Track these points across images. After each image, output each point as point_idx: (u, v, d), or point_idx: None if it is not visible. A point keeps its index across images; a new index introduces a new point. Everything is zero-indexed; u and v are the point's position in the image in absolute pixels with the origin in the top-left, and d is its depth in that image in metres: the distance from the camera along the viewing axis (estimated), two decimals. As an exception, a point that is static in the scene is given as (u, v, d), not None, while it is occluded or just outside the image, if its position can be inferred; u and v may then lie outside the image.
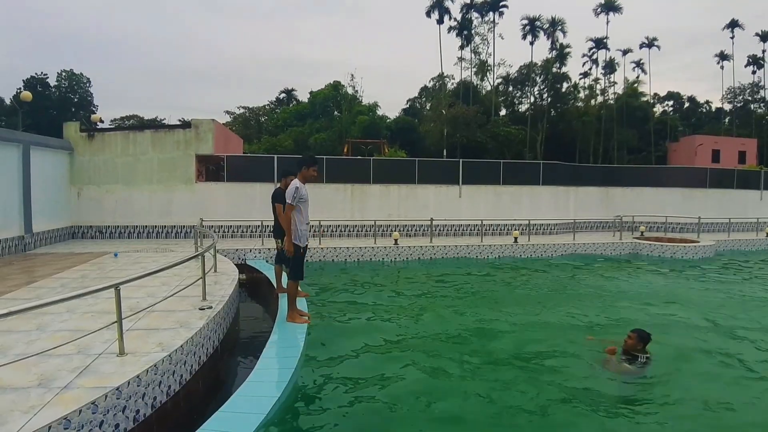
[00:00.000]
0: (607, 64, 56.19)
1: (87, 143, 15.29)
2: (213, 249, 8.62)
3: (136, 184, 15.61)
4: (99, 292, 4.35)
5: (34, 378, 3.93)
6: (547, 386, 5.34)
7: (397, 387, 5.37)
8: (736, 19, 59.17)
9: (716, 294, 10.51)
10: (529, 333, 7.42)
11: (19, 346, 4.72)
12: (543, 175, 19.64)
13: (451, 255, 14.87)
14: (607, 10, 55.11)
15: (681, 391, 5.32)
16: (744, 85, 63.01)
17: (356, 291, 10.49)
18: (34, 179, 12.71)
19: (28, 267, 9.81)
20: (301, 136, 43.60)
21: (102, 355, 4.48)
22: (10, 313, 3.46)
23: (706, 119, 65.98)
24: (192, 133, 15.90)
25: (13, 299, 6.70)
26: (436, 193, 18.36)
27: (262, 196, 16.27)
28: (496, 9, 52.19)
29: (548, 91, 53.69)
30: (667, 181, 22.21)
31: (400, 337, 7.13)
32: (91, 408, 3.51)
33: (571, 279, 12.18)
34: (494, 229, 18.39)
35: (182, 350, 4.84)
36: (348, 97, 46.10)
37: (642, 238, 17.87)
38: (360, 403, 4.96)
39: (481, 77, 55.07)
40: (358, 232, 17.24)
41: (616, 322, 7.98)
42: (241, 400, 4.34)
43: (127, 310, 5.57)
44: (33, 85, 47.22)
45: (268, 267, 11.36)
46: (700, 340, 7.12)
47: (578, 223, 18.72)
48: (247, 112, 58.45)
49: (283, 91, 61.12)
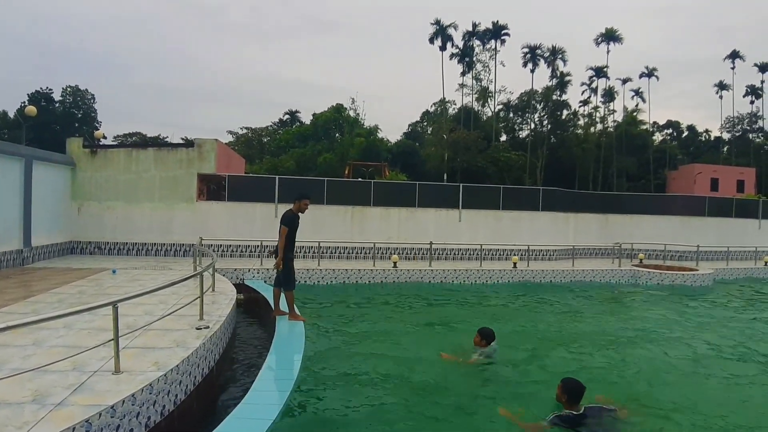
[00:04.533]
0: (606, 93, 56.87)
1: (90, 159, 15.38)
2: (212, 268, 8.62)
3: (138, 202, 15.66)
4: (97, 309, 4.36)
5: (28, 393, 3.91)
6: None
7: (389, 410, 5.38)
8: (737, 50, 60.12)
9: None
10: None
11: (15, 360, 4.70)
12: (543, 201, 19.69)
13: (449, 279, 14.84)
14: (607, 39, 56.01)
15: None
16: (743, 115, 63.69)
17: (352, 313, 10.45)
18: (36, 193, 12.75)
19: (25, 281, 9.79)
20: (303, 158, 43.90)
21: (97, 373, 4.46)
22: (8, 327, 3.47)
23: (705, 148, 66.49)
24: (195, 152, 16.01)
25: (10, 313, 6.68)
26: (436, 216, 18.39)
27: (262, 216, 16.38)
28: (498, 37, 53.16)
29: (548, 117, 54.30)
30: (666, 208, 22.25)
31: (395, 361, 7.09)
32: (84, 426, 3.48)
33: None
34: (493, 253, 18.38)
35: (178, 370, 4.81)
36: (350, 119, 46.55)
37: (641, 265, 17.84)
38: (353, 424, 4.94)
39: (482, 103, 55.87)
40: (358, 254, 17.22)
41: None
42: (236, 421, 4.28)
43: (124, 327, 5.53)
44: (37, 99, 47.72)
45: (266, 287, 11.32)
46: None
47: (577, 250, 18.72)
48: (250, 133, 58.91)
49: (287, 112, 61.93)
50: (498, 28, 52.92)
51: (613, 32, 55.86)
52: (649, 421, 5.16)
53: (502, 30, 52.95)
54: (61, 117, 49.99)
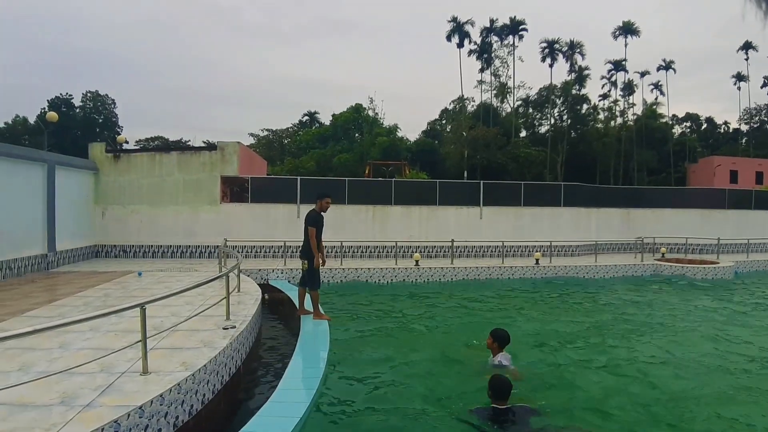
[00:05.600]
0: (625, 86, 55.98)
1: (113, 163, 15.56)
2: (237, 269, 8.60)
3: (162, 205, 15.79)
4: (124, 311, 4.34)
5: (56, 396, 3.88)
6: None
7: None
8: (750, 41, 58.51)
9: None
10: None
11: (42, 363, 4.69)
12: (564, 197, 19.39)
13: (472, 276, 14.67)
14: (625, 33, 55.11)
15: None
16: (760, 106, 62.16)
17: (377, 312, 10.35)
18: (59, 198, 12.89)
19: (50, 285, 9.90)
20: (323, 158, 44.06)
21: (125, 374, 4.42)
22: (36, 331, 3.44)
23: (724, 140, 65.21)
24: (218, 155, 16.10)
25: (36, 317, 6.72)
26: (456, 214, 18.22)
27: (285, 217, 16.43)
28: (516, 32, 52.65)
29: (568, 112, 53.63)
30: (686, 202, 21.91)
31: (417, 358, 7.01)
32: (113, 426, 3.43)
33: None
34: (515, 250, 18.15)
35: (205, 369, 4.77)
36: (369, 119, 46.53)
37: (663, 259, 17.70)
38: (381, 421, 4.92)
39: (501, 99, 55.33)
40: (380, 253, 17.14)
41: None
42: (264, 420, 4.25)
43: (151, 329, 5.51)
44: (58, 105, 48.42)
45: (291, 287, 11.31)
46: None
47: (599, 245, 18.37)
48: (271, 135, 59.36)
49: (307, 113, 62.37)
50: (515, 23, 52.39)
51: (630, 25, 54.94)
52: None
53: (520, 25, 52.42)
54: (81, 122, 50.65)
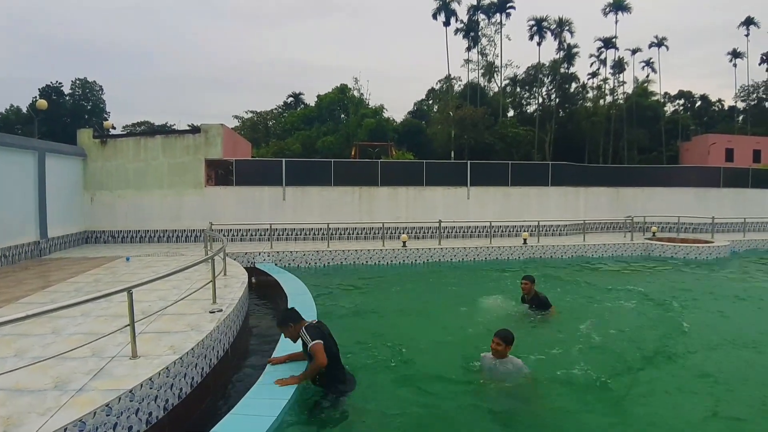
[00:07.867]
0: (615, 64, 55.72)
1: (100, 149, 15.50)
2: (223, 252, 8.72)
3: (147, 189, 15.80)
4: (112, 295, 4.46)
5: (50, 381, 4.03)
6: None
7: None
8: (751, 17, 58.27)
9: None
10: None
11: (36, 349, 4.84)
12: (552, 176, 19.57)
13: (459, 257, 14.89)
14: (615, 9, 54.70)
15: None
16: (758, 83, 61.69)
17: (362, 294, 10.53)
18: (50, 185, 12.91)
19: (43, 272, 9.99)
20: (309, 140, 43.82)
21: (115, 358, 4.58)
22: (27, 316, 3.56)
23: (719, 118, 64.79)
24: (201, 138, 16.08)
25: (30, 303, 6.83)
26: (444, 195, 18.36)
27: (270, 200, 16.53)
28: (503, 10, 52.16)
29: (556, 91, 53.53)
30: (679, 180, 21.94)
31: (408, 343, 7.03)
32: (105, 410, 3.59)
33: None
34: (503, 230, 18.38)
35: (193, 353, 4.92)
36: (354, 100, 46.22)
37: (654, 238, 17.69)
38: (365, 407, 4.94)
39: (488, 79, 55.04)
40: (366, 235, 17.30)
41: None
42: (253, 402, 4.38)
43: (139, 313, 5.66)
44: (48, 93, 47.99)
45: (278, 270, 11.46)
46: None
47: (588, 224, 18.62)
48: (255, 117, 58.74)
49: (291, 95, 61.43)
50: (503, 1, 51.93)
51: (621, 1, 54.61)
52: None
53: (508, 3, 51.87)
54: (71, 109, 50.22)
